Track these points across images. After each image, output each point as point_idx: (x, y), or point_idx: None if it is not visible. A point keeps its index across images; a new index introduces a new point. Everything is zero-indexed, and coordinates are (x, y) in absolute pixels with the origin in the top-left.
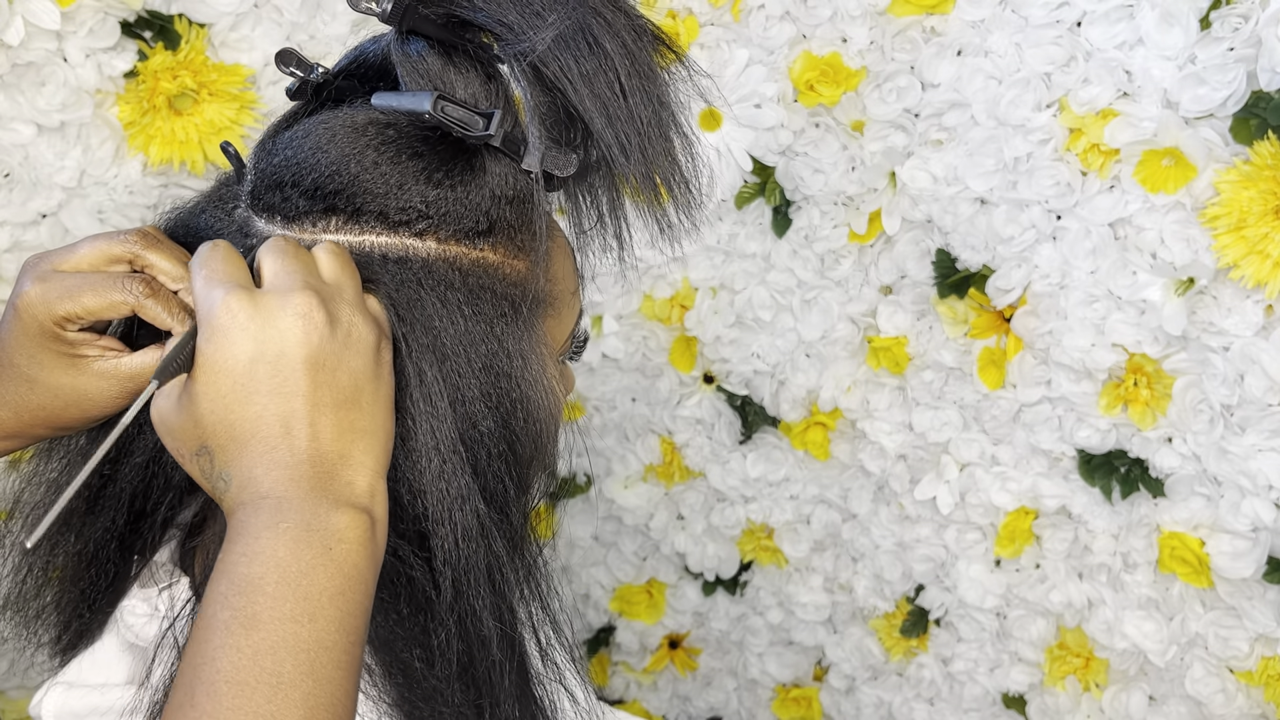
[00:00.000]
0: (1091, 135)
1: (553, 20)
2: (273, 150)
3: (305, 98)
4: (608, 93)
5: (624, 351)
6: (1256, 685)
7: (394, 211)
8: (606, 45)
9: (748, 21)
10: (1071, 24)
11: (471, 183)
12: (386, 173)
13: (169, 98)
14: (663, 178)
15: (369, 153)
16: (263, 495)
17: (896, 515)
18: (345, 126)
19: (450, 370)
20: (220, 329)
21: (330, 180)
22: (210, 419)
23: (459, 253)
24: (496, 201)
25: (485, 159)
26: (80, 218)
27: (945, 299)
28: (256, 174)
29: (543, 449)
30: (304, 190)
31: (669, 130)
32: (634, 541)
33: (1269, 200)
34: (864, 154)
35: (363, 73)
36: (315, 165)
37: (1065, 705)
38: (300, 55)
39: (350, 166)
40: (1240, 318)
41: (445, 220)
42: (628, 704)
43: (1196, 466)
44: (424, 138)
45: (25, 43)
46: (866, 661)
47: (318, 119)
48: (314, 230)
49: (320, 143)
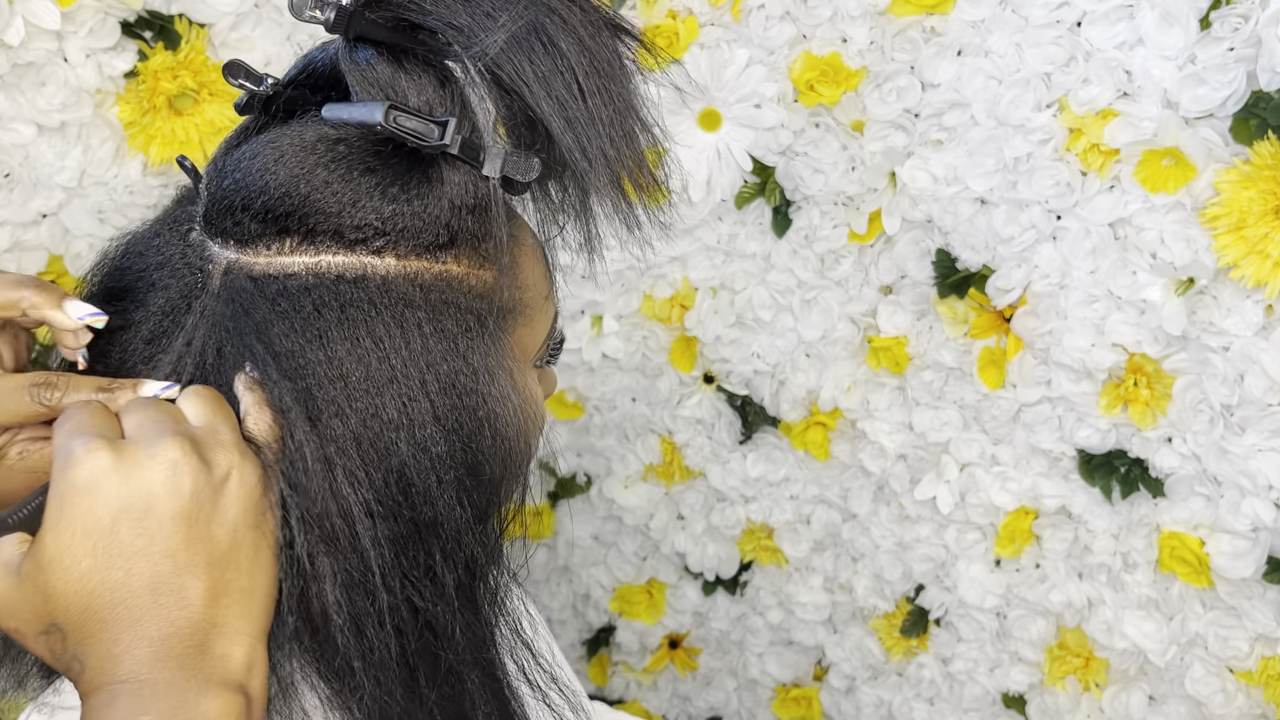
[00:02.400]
0: (1091, 135)
1: (504, 21)
2: (223, 171)
3: (254, 111)
4: (565, 94)
5: (624, 351)
6: (1256, 685)
7: (349, 230)
8: (562, 44)
9: (748, 21)
10: (1071, 24)
11: (429, 194)
12: (338, 191)
13: (169, 98)
14: (629, 177)
15: (319, 171)
16: (121, 679)
17: (896, 515)
18: (293, 145)
19: (393, 397)
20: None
21: (281, 202)
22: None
23: (420, 268)
24: (457, 212)
25: (442, 168)
26: (80, 218)
27: (945, 299)
28: (208, 197)
29: (513, 467)
30: (254, 214)
31: (633, 128)
32: (634, 541)
33: (1269, 200)
34: (864, 154)
35: (312, 82)
36: (264, 188)
37: (1065, 705)
38: (249, 67)
39: (300, 187)
40: (1240, 318)
41: (403, 236)
42: (628, 704)
43: (1196, 466)
44: (376, 151)
45: (25, 43)
46: (866, 661)
47: (265, 138)
48: (268, 254)
49: (268, 164)
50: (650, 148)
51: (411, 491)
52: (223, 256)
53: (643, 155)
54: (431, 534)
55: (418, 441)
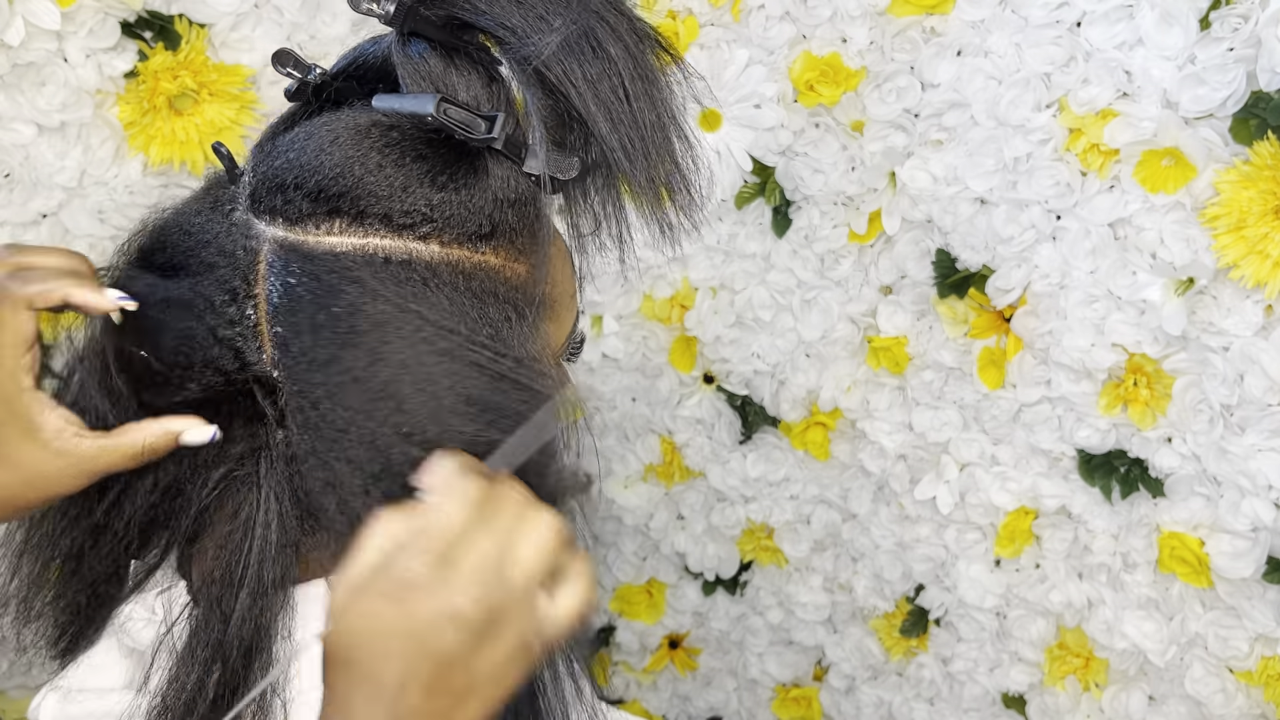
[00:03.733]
0: (1091, 135)
1: (558, 25)
2: (273, 152)
3: (304, 99)
4: (612, 97)
5: (624, 351)
6: (1256, 685)
7: (398, 214)
8: (610, 50)
9: (748, 21)
10: (1071, 24)
11: (475, 185)
12: (391, 175)
13: (169, 98)
14: (664, 180)
15: (373, 155)
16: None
17: (896, 515)
18: (349, 128)
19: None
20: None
21: (334, 183)
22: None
23: (461, 256)
24: (499, 205)
25: (488, 162)
26: (80, 218)
27: (945, 299)
28: (257, 176)
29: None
30: (307, 192)
31: (671, 133)
32: (634, 541)
33: (1269, 200)
34: (864, 154)
35: (362, 74)
36: (319, 167)
37: (1065, 705)
38: (298, 56)
39: (355, 169)
40: (1240, 318)
41: (449, 223)
42: (628, 704)
43: (1196, 466)
44: (427, 140)
45: (25, 43)
46: (866, 661)
47: (319, 121)
48: (316, 233)
49: (324, 144)
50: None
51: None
52: (270, 233)
53: (678, 161)
54: None
55: (463, 416)
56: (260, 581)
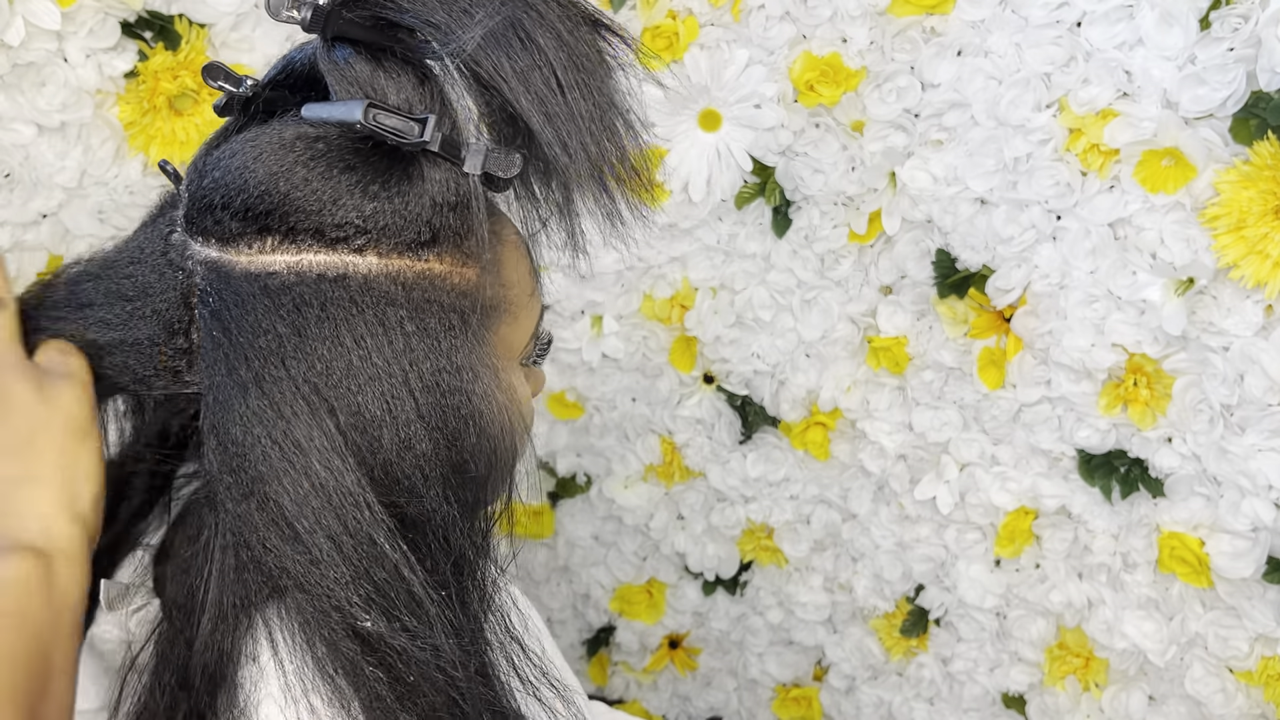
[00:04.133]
0: (1091, 135)
1: (480, 17)
2: (203, 171)
3: (233, 112)
4: (544, 89)
5: (624, 351)
6: (1256, 685)
7: (329, 229)
8: (539, 39)
9: (748, 21)
10: (1071, 24)
11: (410, 192)
12: (318, 189)
13: (169, 98)
14: (610, 171)
15: (298, 169)
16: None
17: (896, 515)
18: (272, 143)
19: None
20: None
21: (260, 201)
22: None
23: (402, 266)
24: (438, 209)
25: (423, 166)
26: (81, 218)
27: (945, 299)
28: (189, 197)
29: (500, 464)
30: (234, 212)
31: (613, 121)
32: (634, 541)
33: (1269, 200)
34: (864, 154)
35: (292, 82)
36: (244, 186)
37: (1065, 705)
38: (227, 69)
39: (279, 185)
40: (1240, 318)
41: (385, 234)
42: (628, 704)
43: (1196, 466)
44: (356, 149)
45: (25, 43)
46: (866, 661)
47: (244, 136)
48: (249, 252)
49: (247, 162)
50: (636, 145)
51: (397, 488)
52: (204, 254)
53: (625, 150)
54: (417, 530)
55: (402, 439)
56: (220, 606)
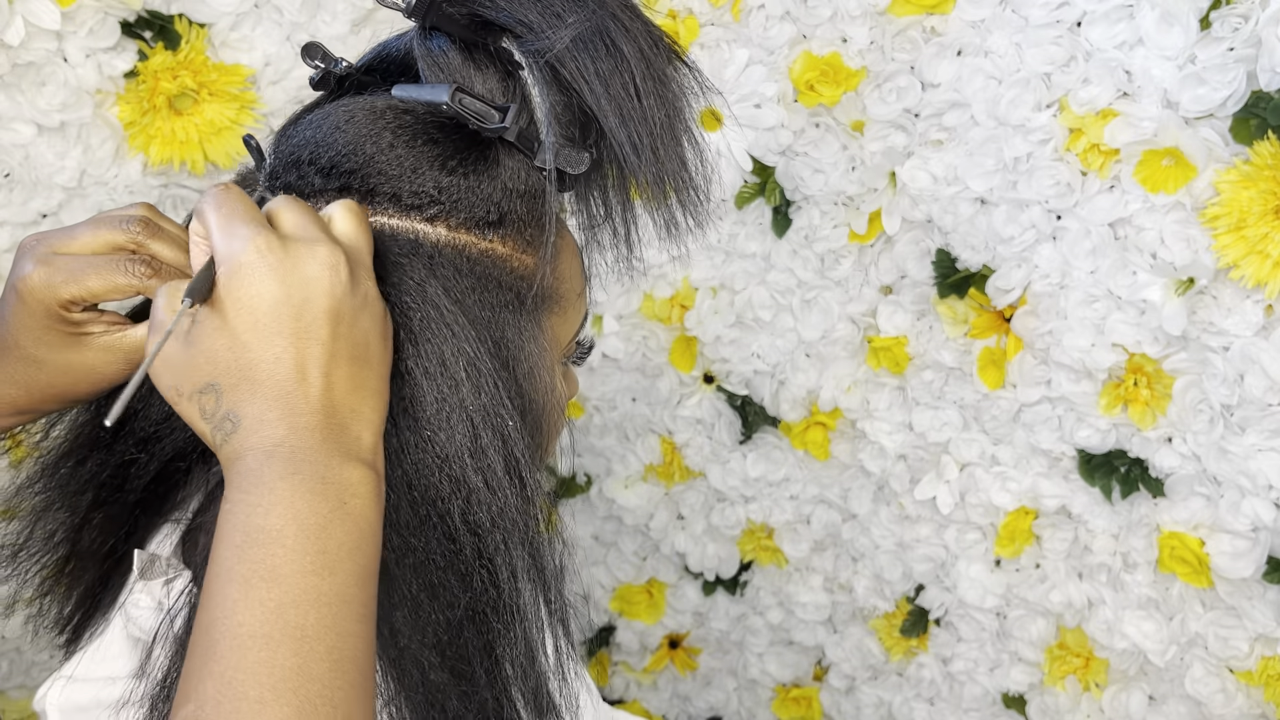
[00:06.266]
0: (1091, 135)
1: (572, 21)
2: (291, 134)
3: (328, 87)
4: (623, 94)
5: (624, 351)
6: (1256, 685)
7: (407, 195)
8: (624, 48)
9: (748, 21)
10: (1071, 24)
11: (484, 173)
12: (401, 155)
13: (169, 98)
14: (671, 180)
15: (385, 135)
16: (276, 442)
17: (896, 515)
18: (364, 110)
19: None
20: (247, 266)
21: (346, 159)
22: (224, 355)
23: (468, 241)
24: (508, 194)
25: (499, 152)
26: (80, 218)
27: (945, 299)
28: (275, 156)
29: (539, 444)
30: (320, 168)
31: (680, 134)
32: (634, 541)
33: (1269, 200)
34: (864, 154)
35: (385, 67)
36: (332, 144)
37: (1065, 705)
38: (326, 49)
39: (366, 147)
40: (1240, 318)
41: (456, 207)
42: (628, 704)
43: (1196, 466)
44: (440, 125)
45: (25, 43)
46: (866, 661)
47: (339, 103)
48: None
49: (339, 123)
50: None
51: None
52: None
53: (686, 160)
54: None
55: (477, 388)
56: None
